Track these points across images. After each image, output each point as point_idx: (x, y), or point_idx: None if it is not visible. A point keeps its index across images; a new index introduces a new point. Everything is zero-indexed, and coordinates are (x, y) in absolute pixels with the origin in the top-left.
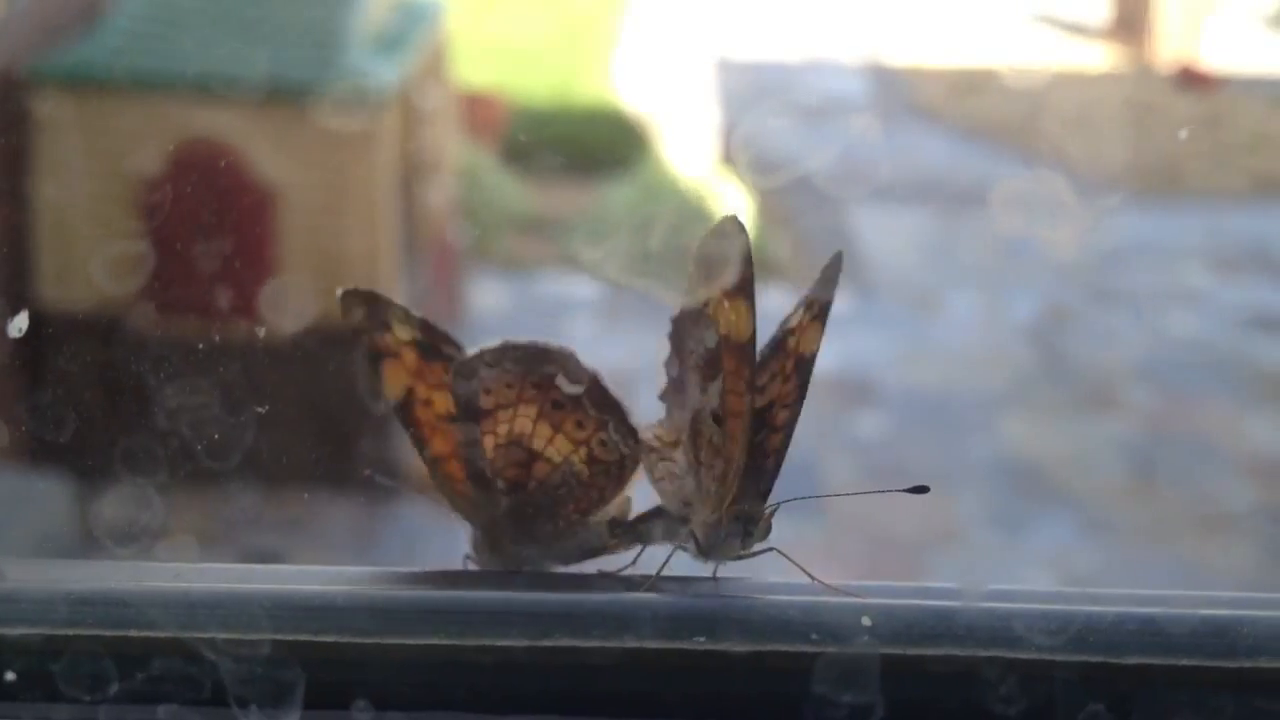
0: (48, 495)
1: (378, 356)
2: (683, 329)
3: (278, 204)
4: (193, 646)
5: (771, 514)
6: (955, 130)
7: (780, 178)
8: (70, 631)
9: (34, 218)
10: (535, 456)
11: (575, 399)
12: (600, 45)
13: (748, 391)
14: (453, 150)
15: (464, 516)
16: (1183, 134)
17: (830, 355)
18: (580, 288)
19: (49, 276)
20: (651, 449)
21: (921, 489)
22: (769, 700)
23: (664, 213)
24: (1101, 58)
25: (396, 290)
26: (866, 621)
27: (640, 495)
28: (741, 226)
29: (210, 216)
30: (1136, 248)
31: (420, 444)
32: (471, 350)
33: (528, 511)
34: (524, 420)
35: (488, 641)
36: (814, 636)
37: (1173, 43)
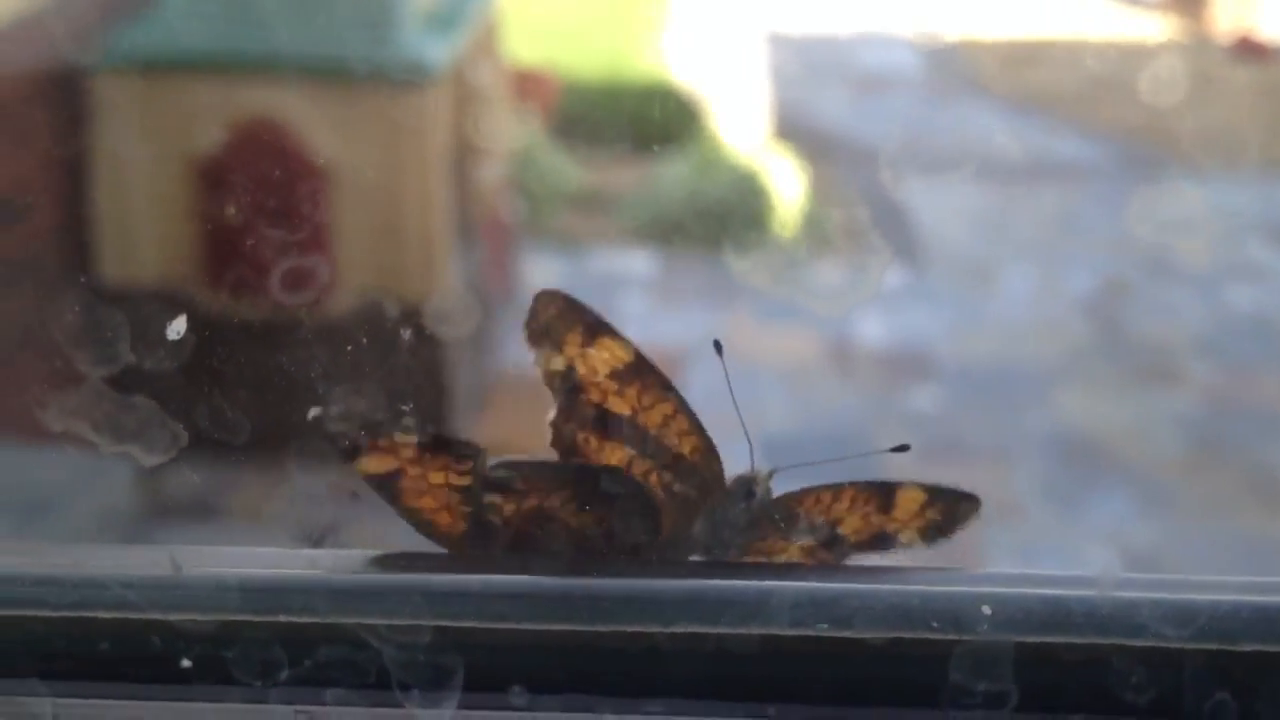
0: (109, 473)
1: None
2: (568, 411)
3: (332, 182)
4: (357, 633)
5: (769, 476)
6: (1010, 103)
7: (833, 152)
8: (243, 618)
9: (94, 200)
10: (553, 519)
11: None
12: (651, 21)
13: (665, 390)
14: (505, 127)
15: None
16: None
17: (885, 329)
18: (634, 264)
19: (110, 258)
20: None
21: (903, 448)
22: (905, 686)
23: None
24: (1158, 29)
25: (450, 267)
26: (986, 610)
27: None
28: (552, 293)
29: (267, 196)
30: (1195, 220)
31: (396, 498)
32: (505, 462)
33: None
34: (554, 501)
35: (630, 628)
36: (934, 624)
37: (1229, 13)
